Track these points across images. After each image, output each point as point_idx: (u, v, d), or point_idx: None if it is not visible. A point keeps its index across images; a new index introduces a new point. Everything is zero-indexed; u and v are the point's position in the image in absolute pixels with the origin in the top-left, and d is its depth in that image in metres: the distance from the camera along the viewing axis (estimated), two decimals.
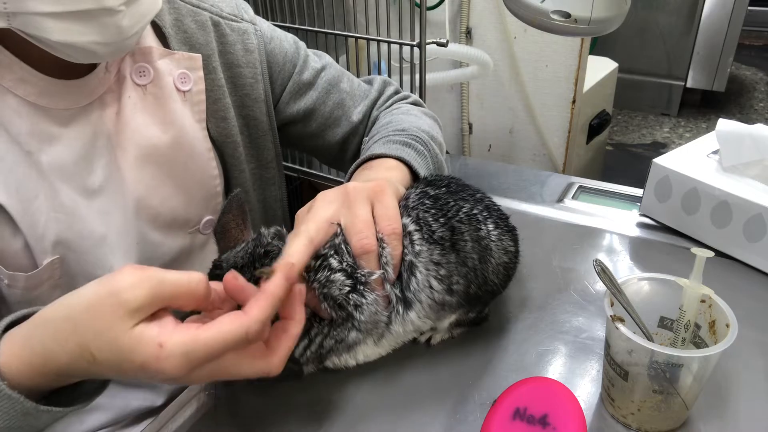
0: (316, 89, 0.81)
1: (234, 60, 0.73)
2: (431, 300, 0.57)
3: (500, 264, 0.61)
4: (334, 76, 0.83)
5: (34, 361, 0.43)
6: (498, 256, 0.61)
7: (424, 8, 1.30)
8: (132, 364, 0.41)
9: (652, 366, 0.50)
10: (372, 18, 1.39)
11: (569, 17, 0.49)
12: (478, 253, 0.59)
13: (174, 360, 0.40)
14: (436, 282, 0.57)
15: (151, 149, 0.65)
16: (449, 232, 0.58)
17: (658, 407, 0.53)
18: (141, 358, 0.40)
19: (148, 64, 0.65)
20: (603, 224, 0.87)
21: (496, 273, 0.61)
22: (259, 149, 0.79)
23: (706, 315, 0.55)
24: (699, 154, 0.83)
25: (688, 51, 3.03)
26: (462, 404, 0.58)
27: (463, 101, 1.90)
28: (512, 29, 1.66)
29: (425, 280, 0.57)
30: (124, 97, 0.64)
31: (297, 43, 0.82)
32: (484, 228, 0.60)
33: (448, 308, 0.60)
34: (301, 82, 0.80)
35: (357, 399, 0.59)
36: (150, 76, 0.65)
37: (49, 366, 0.43)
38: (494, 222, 0.62)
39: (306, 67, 0.81)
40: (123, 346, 0.41)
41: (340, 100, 0.82)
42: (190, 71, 0.68)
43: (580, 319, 0.68)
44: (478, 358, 0.63)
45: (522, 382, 0.53)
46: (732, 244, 0.77)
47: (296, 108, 0.81)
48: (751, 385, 0.59)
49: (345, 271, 0.54)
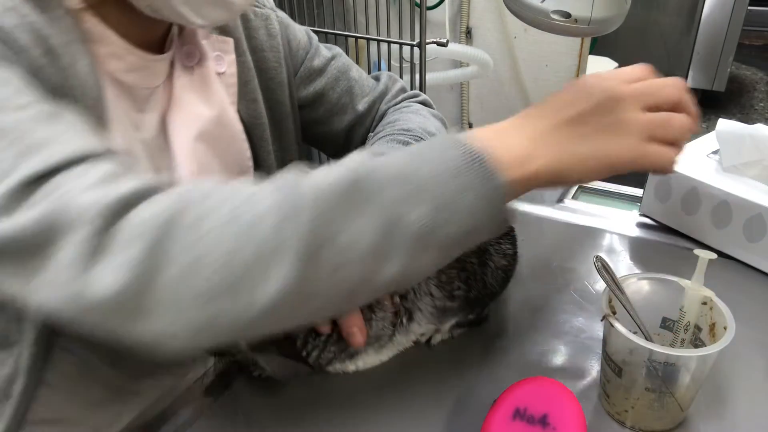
0: (326, 75, 0.83)
1: (258, 45, 0.75)
2: (432, 307, 0.58)
3: (499, 267, 0.61)
4: (344, 64, 0.84)
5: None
6: (497, 259, 0.61)
7: (424, 8, 1.30)
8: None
9: (645, 364, 0.51)
10: (372, 18, 1.39)
11: (569, 17, 0.49)
12: (478, 257, 0.59)
13: None
14: (436, 289, 0.57)
15: (201, 127, 0.67)
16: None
17: (652, 406, 0.53)
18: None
19: (194, 45, 0.67)
20: (603, 224, 0.87)
21: (495, 276, 0.61)
22: (282, 132, 0.81)
23: (707, 317, 0.55)
24: (699, 154, 0.83)
25: (688, 51, 3.02)
26: (462, 404, 0.58)
27: (463, 101, 1.90)
28: (512, 29, 1.66)
29: (425, 289, 0.57)
30: (174, 78, 0.66)
31: (309, 34, 0.84)
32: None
33: (450, 313, 0.60)
34: (312, 68, 0.82)
35: (357, 399, 0.59)
36: (196, 58, 0.67)
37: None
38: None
39: (317, 54, 0.83)
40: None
41: (348, 87, 0.83)
42: (223, 54, 0.70)
43: (580, 319, 0.68)
44: (478, 358, 0.63)
45: (522, 382, 0.53)
46: (732, 244, 0.77)
47: (305, 93, 0.82)
48: (751, 386, 0.59)
49: None
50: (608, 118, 0.47)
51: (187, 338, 0.42)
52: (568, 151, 0.47)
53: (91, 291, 0.39)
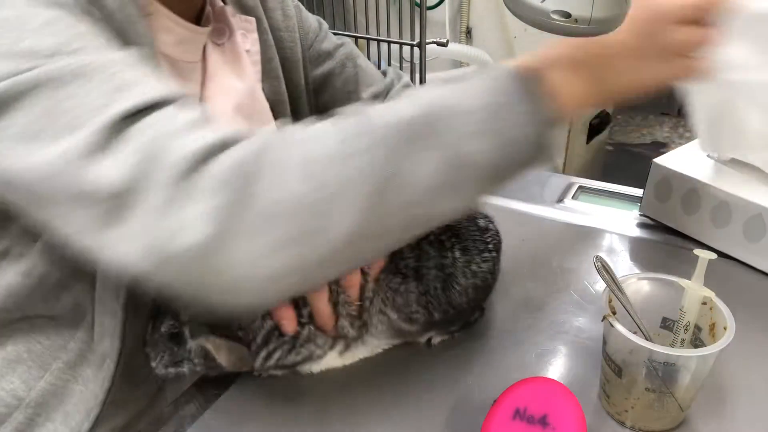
0: (334, 59, 0.84)
1: (276, 24, 0.77)
2: (389, 328, 0.59)
3: (468, 287, 0.60)
4: (352, 51, 0.85)
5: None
6: (463, 281, 0.60)
7: (424, 8, 1.30)
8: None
9: (645, 364, 0.51)
10: (372, 18, 1.39)
11: (569, 17, 0.49)
12: (441, 281, 0.59)
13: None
14: (392, 311, 0.58)
15: (238, 100, 0.68)
16: (414, 259, 0.58)
17: (652, 406, 0.53)
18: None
19: (224, 24, 0.68)
20: (603, 224, 0.87)
21: (464, 294, 0.60)
22: (299, 111, 0.82)
23: (707, 317, 0.55)
24: (699, 154, 0.83)
25: None
26: (462, 404, 0.58)
27: None
28: (512, 29, 1.67)
29: (380, 307, 0.58)
30: (207, 54, 0.66)
31: (319, 20, 0.85)
32: (450, 256, 0.60)
33: (408, 335, 0.61)
34: (320, 50, 0.83)
35: (357, 399, 0.59)
36: (226, 35, 0.69)
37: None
38: (462, 248, 0.61)
39: (326, 38, 0.84)
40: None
41: (354, 73, 0.84)
42: (247, 33, 0.72)
43: (580, 320, 0.68)
44: (478, 358, 0.63)
45: (522, 382, 0.53)
46: (732, 244, 0.77)
47: (312, 75, 0.83)
48: (751, 386, 0.59)
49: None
50: (652, 46, 0.49)
51: (264, 287, 0.42)
52: (615, 83, 0.50)
53: (174, 239, 0.39)
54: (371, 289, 0.57)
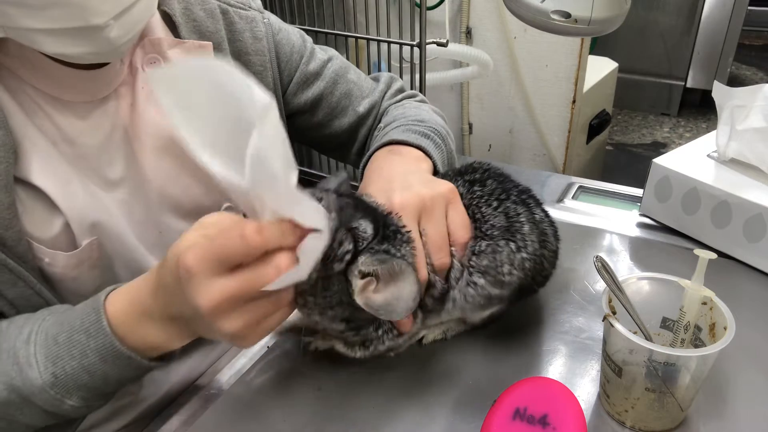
0: (323, 79, 0.82)
1: (243, 48, 0.74)
2: (474, 296, 0.59)
3: (552, 252, 0.62)
4: (341, 67, 0.84)
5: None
6: (552, 241, 0.62)
7: (424, 8, 1.30)
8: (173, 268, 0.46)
9: (645, 364, 0.51)
10: (372, 18, 1.39)
11: (569, 17, 0.49)
12: (537, 236, 0.60)
13: (193, 252, 0.45)
14: (478, 276, 0.58)
15: (167, 140, 0.66)
16: (503, 216, 0.59)
17: (652, 406, 0.53)
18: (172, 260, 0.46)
19: (159, 54, 0.66)
20: (603, 224, 0.87)
21: (551, 262, 0.62)
22: None
23: (707, 317, 0.55)
24: (699, 154, 0.84)
25: (688, 51, 3.03)
26: (462, 404, 0.58)
27: (463, 101, 1.90)
28: (512, 29, 1.66)
29: (467, 278, 0.58)
30: (137, 89, 0.65)
31: (303, 36, 0.83)
32: (538, 211, 0.62)
33: (496, 301, 0.61)
34: (308, 72, 0.81)
35: (357, 399, 0.59)
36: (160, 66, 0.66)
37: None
38: (543, 211, 0.64)
39: (313, 58, 0.82)
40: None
41: (347, 89, 0.83)
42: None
43: (580, 319, 0.68)
44: (478, 358, 0.63)
45: (522, 382, 0.53)
46: (732, 244, 0.77)
47: (303, 98, 0.81)
48: (751, 386, 0.59)
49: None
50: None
51: None
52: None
53: None
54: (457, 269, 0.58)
